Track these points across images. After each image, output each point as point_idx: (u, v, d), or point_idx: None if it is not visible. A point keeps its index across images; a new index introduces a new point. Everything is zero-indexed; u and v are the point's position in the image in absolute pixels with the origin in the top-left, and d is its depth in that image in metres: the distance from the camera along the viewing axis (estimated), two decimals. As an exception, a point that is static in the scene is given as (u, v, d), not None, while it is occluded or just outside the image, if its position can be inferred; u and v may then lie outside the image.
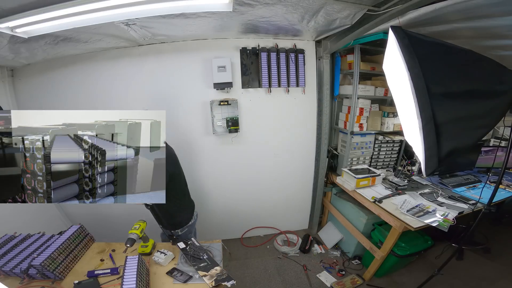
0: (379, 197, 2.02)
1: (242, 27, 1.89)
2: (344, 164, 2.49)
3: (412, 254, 2.02)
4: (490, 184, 2.18)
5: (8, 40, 1.45)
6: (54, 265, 1.23)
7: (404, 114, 1.34)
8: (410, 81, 1.16)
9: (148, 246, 1.47)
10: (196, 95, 2.21)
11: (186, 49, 2.10)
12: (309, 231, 2.96)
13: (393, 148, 2.61)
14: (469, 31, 1.43)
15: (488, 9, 1.17)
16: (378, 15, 1.43)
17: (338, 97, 2.56)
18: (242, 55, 2.17)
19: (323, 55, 2.29)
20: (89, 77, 2.08)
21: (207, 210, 2.64)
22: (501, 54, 1.53)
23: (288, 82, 2.27)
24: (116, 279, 1.25)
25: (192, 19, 1.58)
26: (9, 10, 1.14)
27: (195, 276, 1.29)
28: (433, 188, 2.22)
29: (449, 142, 1.21)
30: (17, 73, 2.04)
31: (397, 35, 1.20)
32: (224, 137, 2.36)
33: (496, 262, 2.30)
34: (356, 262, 2.40)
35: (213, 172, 2.49)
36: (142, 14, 1.30)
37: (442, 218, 1.71)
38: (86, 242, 1.51)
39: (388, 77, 1.41)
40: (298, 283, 2.21)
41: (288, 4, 1.44)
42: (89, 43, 1.77)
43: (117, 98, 2.14)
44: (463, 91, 1.23)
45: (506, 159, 1.44)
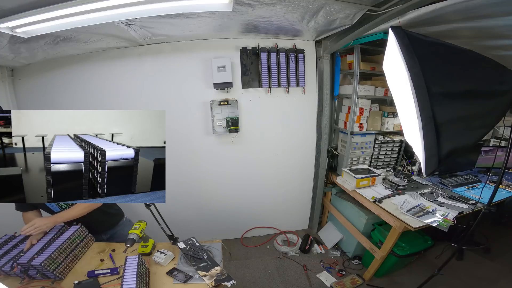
0: (379, 197, 2.02)
1: (242, 27, 1.89)
2: (344, 164, 2.49)
3: (412, 254, 2.02)
4: (490, 184, 2.18)
5: (8, 40, 1.45)
6: (54, 265, 1.23)
7: (404, 114, 1.34)
8: (410, 81, 1.16)
9: (148, 246, 1.47)
10: (196, 95, 2.21)
11: (186, 49, 2.10)
12: (309, 231, 2.96)
13: (393, 148, 2.61)
14: (469, 31, 1.43)
15: (488, 9, 1.17)
16: (378, 15, 1.43)
17: (338, 97, 2.56)
18: (242, 55, 2.17)
19: (323, 55, 2.29)
20: (89, 77, 2.08)
21: (207, 210, 2.64)
22: (501, 54, 1.53)
23: (288, 82, 2.27)
24: (116, 279, 1.25)
25: (192, 19, 1.58)
26: (9, 10, 1.14)
27: (195, 276, 1.29)
28: (433, 188, 2.22)
29: (449, 142, 1.20)
30: (17, 73, 2.04)
31: (397, 35, 1.20)
32: (224, 137, 2.36)
33: (496, 262, 2.30)
34: (356, 262, 2.40)
35: (213, 172, 2.49)
36: (142, 14, 1.30)
37: (442, 218, 1.71)
38: (86, 242, 1.50)
39: (388, 77, 1.41)
40: (298, 283, 2.21)
41: (288, 4, 1.44)
42: (89, 43, 1.77)
43: (117, 98, 2.14)
44: (463, 91, 1.23)
45: (506, 159, 1.44)
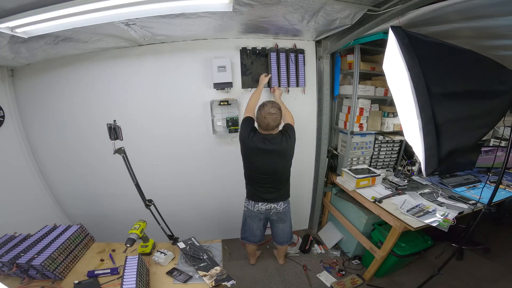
0: (379, 197, 2.02)
1: (242, 27, 1.89)
2: (344, 164, 2.49)
3: (412, 254, 2.02)
4: (490, 184, 2.18)
5: (8, 40, 1.45)
6: (54, 265, 1.23)
7: (404, 114, 1.34)
8: (410, 81, 1.16)
9: (148, 246, 1.48)
10: (196, 95, 2.21)
11: (186, 49, 2.10)
12: (309, 231, 2.96)
13: (393, 148, 2.61)
14: (469, 31, 1.43)
15: (488, 9, 1.17)
16: (378, 15, 1.43)
17: (338, 97, 2.56)
18: (242, 55, 2.17)
19: (323, 55, 2.28)
20: (89, 77, 2.08)
21: (207, 210, 2.64)
22: (501, 54, 1.53)
23: (288, 82, 2.27)
24: (116, 279, 1.26)
25: (192, 19, 1.58)
26: (9, 10, 1.14)
27: (195, 276, 1.29)
28: (433, 188, 2.22)
29: (449, 142, 1.20)
30: (17, 73, 2.04)
31: (397, 35, 1.20)
32: (224, 137, 2.36)
33: (496, 262, 2.30)
34: (356, 262, 2.40)
35: (213, 172, 2.49)
36: (142, 14, 1.30)
37: (442, 218, 1.71)
38: (86, 242, 1.51)
39: (388, 77, 1.40)
40: (298, 283, 2.21)
41: (288, 4, 1.43)
42: (89, 43, 1.77)
43: (117, 97, 2.14)
44: (463, 91, 1.23)
45: (506, 159, 1.44)
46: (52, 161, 2.30)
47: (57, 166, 2.34)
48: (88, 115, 2.17)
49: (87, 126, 2.19)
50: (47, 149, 2.24)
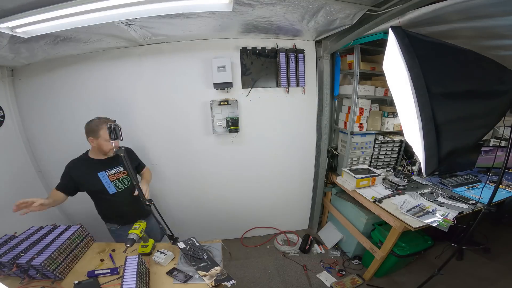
0: (379, 197, 2.02)
1: (242, 27, 1.89)
2: (344, 164, 2.49)
3: (412, 254, 2.02)
4: (490, 184, 2.18)
5: (8, 40, 1.45)
6: (54, 265, 1.23)
7: (404, 114, 1.34)
8: (410, 81, 1.16)
9: (148, 246, 1.47)
10: (196, 95, 2.21)
11: (186, 49, 2.10)
12: (309, 231, 2.96)
13: (393, 148, 2.61)
14: (469, 31, 1.43)
15: (488, 9, 1.17)
16: (378, 15, 1.43)
17: (338, 97, 2.56)
18: (242, 55, 2.17)
19: (323, 55, 2.29)
20: (89, 77, 2.08)
21: (207, 210, 2.64)
22: (501, 54, 1.53)
23: (288, 82, 2.27)
24: (116, 279, 1.25)
25: (192, 19, 1.58)
26: (9, 10, 1.14)
27: (195, 276, 1.29)
28: (433, 188, 2.22)
29: (449, 142, 1.20)
30: (17, 73, 2.04)
31: (397, 35, 1.20)
32: (224, 137, 2.36)
33: (496, 262, 2.30)
34: (356, 262, 2.40)
35: (213, 172, 2.49)
36: (142, 14, 1.30)
37: (442, 218, 1.71)
38: (86, 242, 1.51)
39: (388, 77, 1.40)
40: (298, 283, 2.21)
41: (288, 4, 1.44)
42: (89, 43, 1.77)
43: (117, 97, 2.14)
44: (463, 91, 1.23)
45: (506, 159, 1.44)
46: (52, 161, 2.29)
47: (57, 166, 2.33)
48: (88, 115, 2.16)
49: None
50: (47, 149, 2.24)
